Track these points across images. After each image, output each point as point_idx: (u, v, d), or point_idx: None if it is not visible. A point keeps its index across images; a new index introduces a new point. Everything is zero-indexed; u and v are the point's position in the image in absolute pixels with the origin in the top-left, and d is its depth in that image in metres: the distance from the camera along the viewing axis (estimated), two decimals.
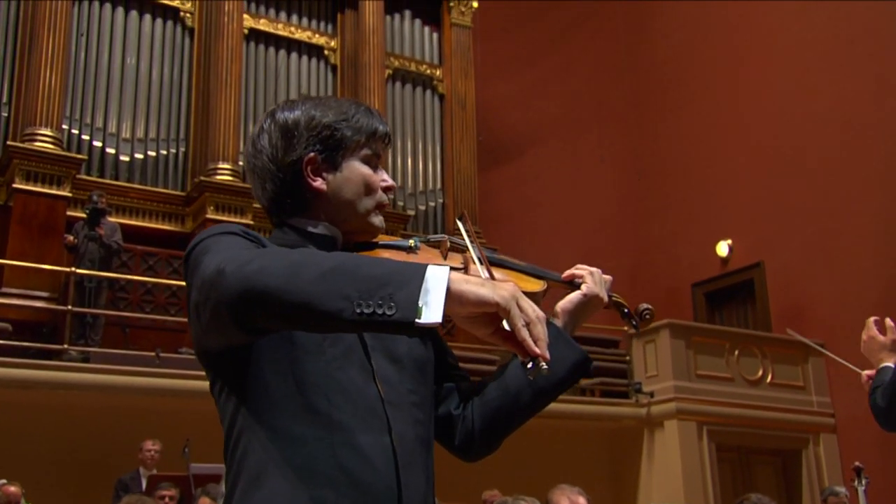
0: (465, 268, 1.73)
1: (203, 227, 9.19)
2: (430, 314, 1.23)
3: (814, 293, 11.53)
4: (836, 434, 11.09)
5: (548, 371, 1.26)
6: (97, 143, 10.90)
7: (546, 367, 1.26)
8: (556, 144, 15.01)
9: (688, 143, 13.34)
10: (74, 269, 8.98)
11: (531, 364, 1.26)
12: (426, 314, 1.23)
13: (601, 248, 13.17)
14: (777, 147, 12.09)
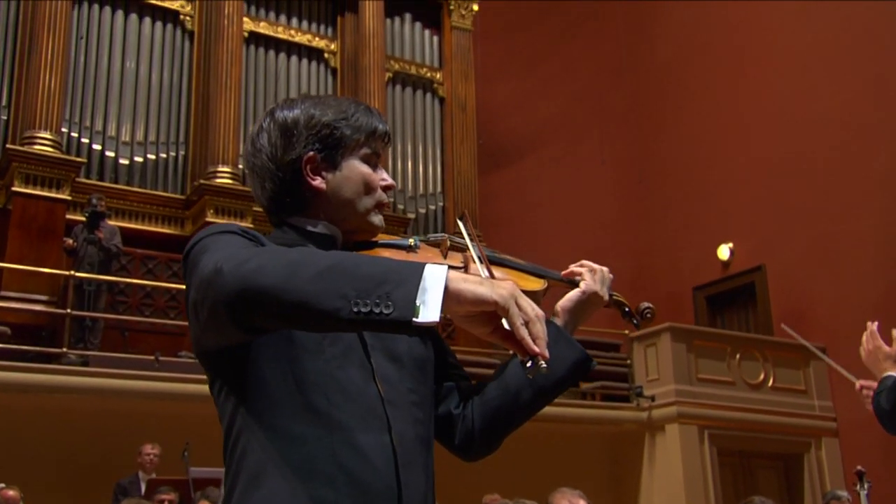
0: (465, 267, 1.72)
1: None
2: (428, 313, 1.22)
3: (815, 296, 11.51)
4: (838, 438, 11.05)
5: (547, 370, 1.26)
6: (97, 147, 10.89)
7: (545, 366, 1.25)
8: (557, 147, 15.00)
9: (689, 146, 13.32)
10: (74, 273, 8.96)
11: (530, 363, 1.26)
12: (424, 313, 1.22)
13: (602, 252, 13.10)
14: (778, 150, 12.07)
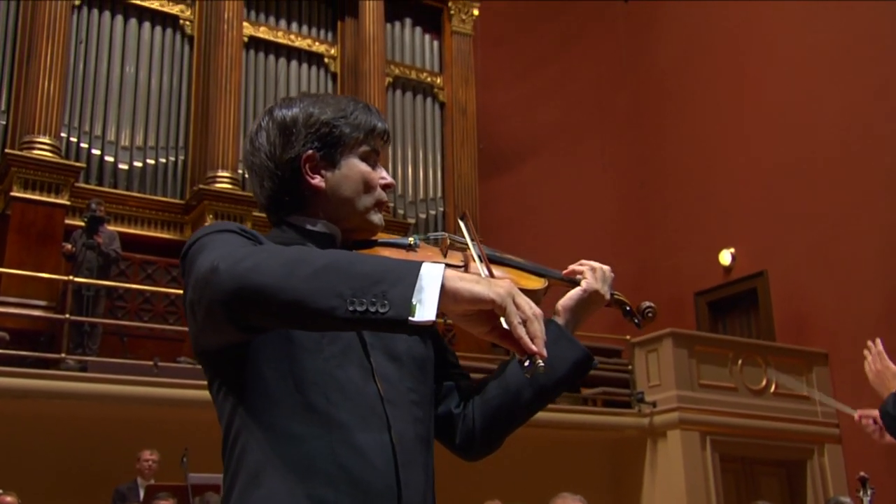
0: (466, 266, 1.72)
1: None
2: (424, 312, 1.22)
3: (817, 302, 11.47)
4: (841, 444, 11.00)
5: (544, 369, 1.25)
6: (96, 152, 10.86)
7: (543, 365, 1.25)
8: (558, 152, 14.97)
9: (690, 151, 13.30)
10: (72, 278, 8.92)
11: (528, 362, 1.26)
12: (420, 312, 1.22)
13: (603, 257, 12.80)
14: (780, 154, 12.04)
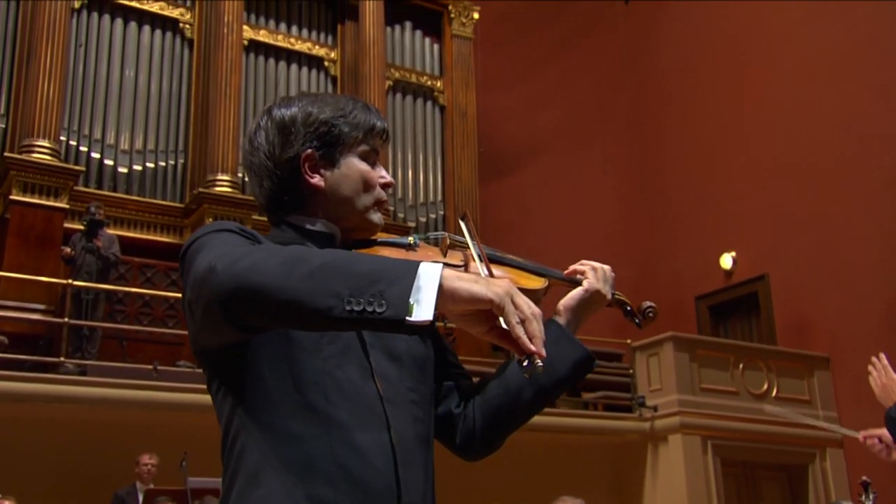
0: (466, 265, 1.71)
1: None
2: (422, 312, 1.22)
3: (819, 305, 11.44)
4: (843, 448, 10.96)
5: (542, 369, 1.25)
6: (95, 155, 10.84)
7: (541, 365, 1.25)
8: (558, 156, 14.95)
9: (691, 155, 13.28)
10: (71, 282, 8.91)
11: (526, 362, 1.25)
12: (417, 312, 1.22)
13: (603, 261, 12.93)
14: (781, 158, 12.02)
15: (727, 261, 12.59)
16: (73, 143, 10.73)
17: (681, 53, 13.73)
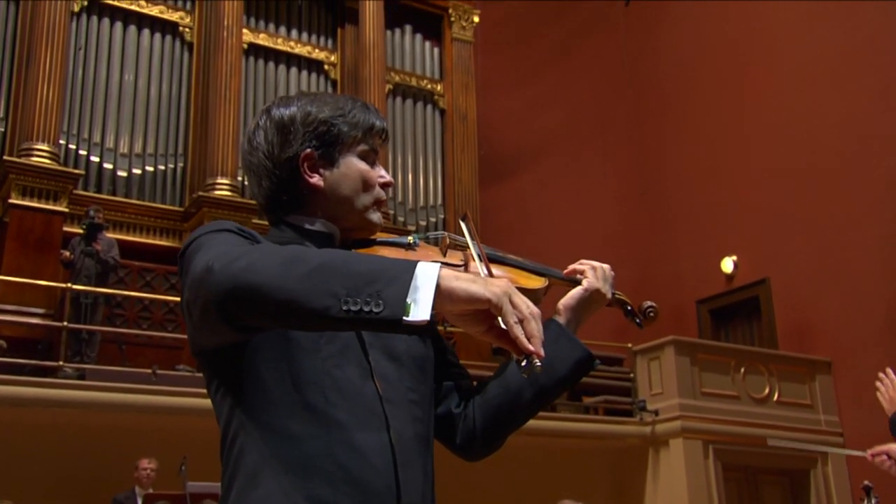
0: (465, 265, 1.71)
1: None
2: (419, 311, 1.21)
3: (820, 309, 11.41)
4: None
5: (541, 368, 1.24)
6: (94, 159, 10.83)
7: (539, 365, 1.24)
8: (559, 159, 14.95)
9: (692, 158, 13.26)
10: (70, 286, 8.89)
11: (525, 362, 1.25)
12: (415, 312, 1.21)
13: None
14: (782, 161, 12.00)
15: (728, 264, 12.57)
16: (73, 147, 10.72)
17: (681, 56, 13.72)
